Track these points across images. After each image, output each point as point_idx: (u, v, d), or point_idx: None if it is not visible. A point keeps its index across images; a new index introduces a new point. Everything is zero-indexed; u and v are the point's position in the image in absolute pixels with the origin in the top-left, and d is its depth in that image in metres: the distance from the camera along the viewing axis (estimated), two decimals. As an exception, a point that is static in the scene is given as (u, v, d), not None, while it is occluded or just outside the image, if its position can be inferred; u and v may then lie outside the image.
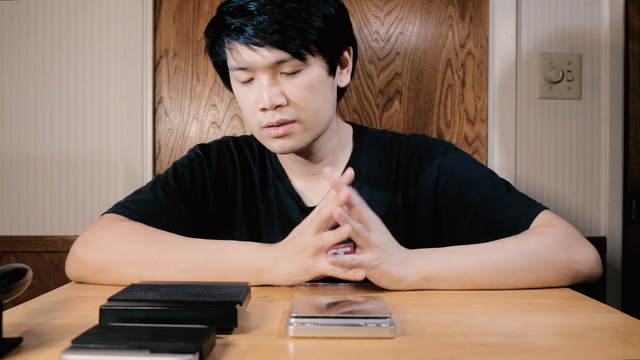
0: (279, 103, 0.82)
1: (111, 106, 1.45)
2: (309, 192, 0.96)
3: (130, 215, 0.84)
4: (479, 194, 0.89)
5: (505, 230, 0.84)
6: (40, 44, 1.45)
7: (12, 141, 1.45)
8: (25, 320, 0.58)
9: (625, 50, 1.47)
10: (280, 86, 0.83)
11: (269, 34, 0.79)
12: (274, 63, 0.81)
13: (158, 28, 1.47)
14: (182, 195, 0.92)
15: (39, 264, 1.44)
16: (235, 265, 0.74)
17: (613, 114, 1.46)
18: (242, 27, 0.80)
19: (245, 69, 0.83)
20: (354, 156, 0.97)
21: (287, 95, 0.83)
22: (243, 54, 0.82)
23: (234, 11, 0.82)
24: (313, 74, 0.84)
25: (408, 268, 0.73)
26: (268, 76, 0.83)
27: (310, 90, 0.84)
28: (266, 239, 0.92)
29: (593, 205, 1.47)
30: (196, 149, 0.99)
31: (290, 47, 0.80)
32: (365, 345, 0.49)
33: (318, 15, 0.83)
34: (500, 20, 1.45)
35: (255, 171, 0.98)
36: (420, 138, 0.98)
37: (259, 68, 0.82)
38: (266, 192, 0.97)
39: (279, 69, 0.83)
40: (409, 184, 0.94)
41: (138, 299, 0.53)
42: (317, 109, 0.86)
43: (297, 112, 0.84)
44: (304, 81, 0.83)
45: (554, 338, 0.53)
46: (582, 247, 0.80)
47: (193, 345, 0.42)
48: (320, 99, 0.86)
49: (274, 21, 0.79)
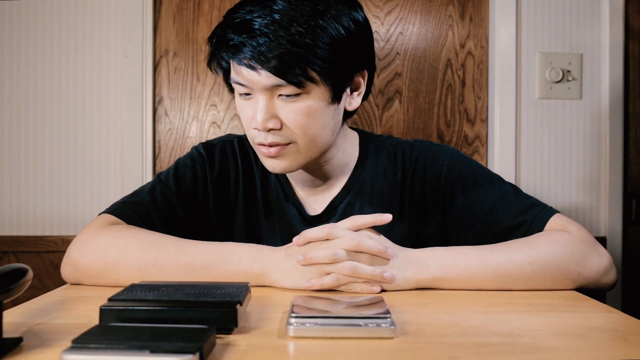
0: (271, 127, 0.79)
1: (111, 106, 1.45)
2: (311, 201, 0.94)
3: (126, 219, 0.83)
4: (487, 201, 0.87)
5: (516, 237, 0.82)
6: (40, 44, 1.45)
7: (12, 141, 1.45)
8: (25, 320, 0.58)
9: (625, 50, 1.47)
10: (276, 109, 0.79)
11: (267, 59, 0.74)
12: (270, 86, 0.77)
13: (158, 28, 1.47)
14: (182, 197, 0.90)
15: (39, 264, 1.44)
16: (236, 268, 0.73)
17: (613, 114, 1.46)
18: (241, 45, 0.76)
19: (243, 84, 0.79)
20: (359, 165, 0.95)
21: (283, 119, 0.79)
22: (242, 70, 0.77)
23: (237, 25, 0.77)
24: (312, 101, 0.79)
25: (411, 270, 0.72)
26: (265, 97, 0.78)
27: (308, 117, 0.79)
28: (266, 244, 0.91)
29: (593, 205, 1.48)
30: (200, 147, 0.96)
31: (287, 75, 0.75)
32: (365, 345, 0.49)
33: (325, 41, 0.76)
34: (500, 20, 1.45)
35: (257, 175, 0.96)
36: (423, 145, 0.96)
37: (255, 87, 0.78)
38: (268, 198, 0.95)
39: (277, 92, 0.78)
40: (414, 193, 0.92)
41: (138, 299, 0.53)
42: (314, 135, 0.81)
43: (292, 135, 0.80)
44: (302, 107, 0.78)
45: (554, 338, 0.53)
46: (595, 255, 0.77)
47: (193, 345, 0.42)
48: (318, 127, 0.81)
49: (275, 45, 0.74)
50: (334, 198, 0.93)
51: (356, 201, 0.93)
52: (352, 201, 0.93)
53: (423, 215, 0.93)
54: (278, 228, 0.93)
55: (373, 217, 0.73)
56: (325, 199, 0.94)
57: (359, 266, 0.69)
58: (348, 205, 0.92)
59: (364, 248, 0.70)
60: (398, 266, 0.71)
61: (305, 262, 0.70)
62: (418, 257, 0.73)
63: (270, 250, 0.75)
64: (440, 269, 0.72)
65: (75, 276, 0.78)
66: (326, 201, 0.94)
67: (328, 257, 0.69)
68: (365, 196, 0.93)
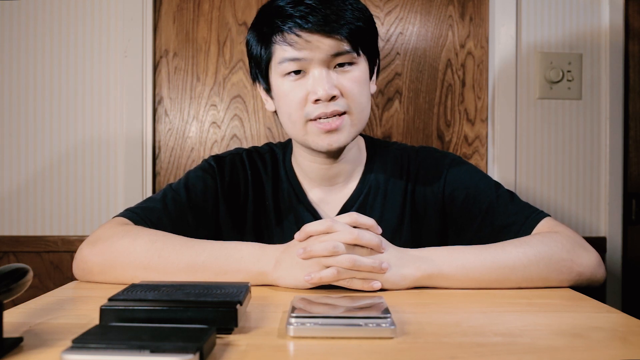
0: (334, 94, 0.85)
1: (111, 106, 1.45)
2: (324, 204, 0.97)
3: (138, 222, 0.86)
4: (484, 202, 0.91)
5: (508, 236, 0.84)
6: (40, 44, 1.45)
7: (12, 141, 1.45)
8: (26, 320, 0.58)
9: (625, 50, 1.47)
10: (334, 80, 0.86)
11: (334, 22, 0.83)
12: (331, 55, 0.85)
13: (158, 28, 1.47)
14: (192, 206, 0.92)
15: (39, 264, 1.44)
16: (237, 265, 0.74)
17: (613, 114, 1.46)
18: (307, 16, 0.83)
19: (299, 59, 0.85)
20: (367, 168, 0.99)
21: (340, 87, 0.86)
22: (303, 43, 0.84)
23: (293, 3, 0.84)
24: (361, 71, 0.88)
25: (408, 266, 0.73)
26: (323, 68, 0.85)
27: (360, 86, 0.88)
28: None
29: (593, 205, 1.47)
30: (210, 160, 0.99)
31: (350, 37, 0.84)
32: (365, 345, 0.49)
33: (363, 17, 0.88)
34: (500, 20, 1.45)
35: (267, 185, 0.99)
36: (427, 151, 1.01)
37: (314, 60, 0.84)
38: (279, 205, 0.98)
39: (334, 62, 0.86)
40: (416, 195, 0.97)
41: (138, 298, 0.53)
42: (364, 104, 0.89)
43: (348, 104, 0.87)
44: (355, 76, 0.87)
45: (554, 338, 0.53)
46: (585, 250, 0.80)
47: (193, 345, 0.42)
48: (365, 96, 0.90)
49: (343, 14, 0.84)
50: (347, 201, 0.97)
51: (367, 203, 0.96)
52: (364, 203, 0.96)
53: (425, 215, 0.97)
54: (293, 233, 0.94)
55: (371, 221, 0.74)
56: (338, 201, 0.97)
57: (358, 258, 0.69)
58: (360, 207, 0.96)
59: (363, 242, 0.70)
60: (395, 264, 0.72)
61: (305, 255, 0.70)
62: (415, 255, 0.74)
63: (272, 249, 0.76)
64: (438, 265, 0.73)
65: (84, 269, 0.80)
66: (339, 204, 0.97)
67: (327, 250, 0.69)
68: (376, 198, 0.96)
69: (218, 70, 1.48)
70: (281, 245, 0.76)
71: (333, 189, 0.98)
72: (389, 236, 0.77)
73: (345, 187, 0.98)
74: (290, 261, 0.73)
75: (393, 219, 0.95)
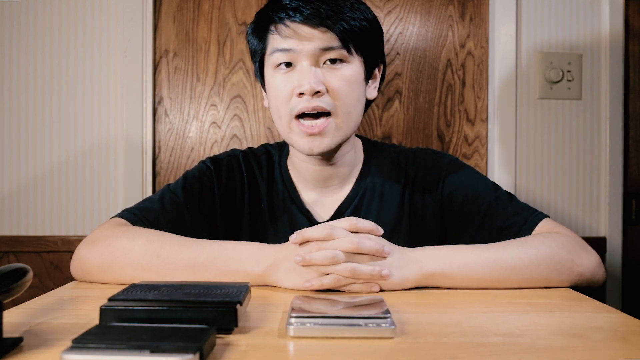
0: (318, 89, 0.83)
1: (111, 106, 1.45)
2: (319, 207, 0.97)
3: (135, 222, 0.86)
4: (483, 204, 0.91)
5: (507, 238, 0.84)
6: (40, 44, 1.45)
7: (12, 141, 1.45)
8: (26, 320, 0.58)
9: (625, 50, 1.47)
10: (321, 76, 0.84)
11: (325, 17, 0.82)
12: (320, 49, 0.84)
13: (158, 28, 1.47)
14: (189, 207, 0.92)
15: (39, 264, 1.44)
16: (236, 267, 0.74)
17: (613, 114, 1.46)
18: (300, 7, 0.83)
19: (288, 50, 0.84)
20: (364, 171, 0.98)
21: (327, 84, 0.84)
22: (293, 34, 0.84)
23: None
24: (353, 70, 0.86)
25: (410, 267, 0.72)
26: (311, 63, 0.84)
27: (348, 85, 0.86)
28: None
29: (593, 205, 1.47)
30: (207, 162, 0.99)
31: (341, 34, 0.83)
32: (365, 345, 0.49)
33: (368, 17, 0.88)
34: (500, 20, 1.45)
35: (262, 187, 0.98)
36: (425, 153, 1.00)
37: (303, 53, 0.84)
38: (274, 207, 0.97)
39: (324, 57, 0.85)
40: (415, 198, 0.96)
41: (138, 298, 0.53)
42: (351, 106, 0.87)
43: (333, 102, 0.85)
44: (345, 75, 0.85)
45: (554, 338, 0.53)
46: (585, 251, 0.80)
47: (193, 345, 0.42)
48: (354, 97, 0.87)
49: (334, 7, 0.83)
50: (341, 204, 0.96)
51: (362, 206, 0.95)
52: (359, 206, 0.95)
53: (423, 217, 0.96)
54: (287, 235, 0.94)
55: (371, 224, 0.74)
56: (332, 204, 0.96)
57: (357, 267, 0.69)
58: (355, 210, 0.95)
59: (363, 249, 0.70)
60: (397, 266, 0.72)
61: (304, 263, 0.70)
62: (416, 256, 0.74)
63: (272, 250, 0.75)
64: (439, 265, 0.73)
65: (82, 269, 0.80)
66: (333, 207, 0.96)
67: (327, 259, 0.69)
68: (372, 201, 0.96)
69: (218, 70, 1.48)
70: (281, 246, 0.76)
71: (328, 191, 0.97)
72: (386, 239, 0.76)
73: (340, 189, 0.97)
74: (287, 265, 0.72)
75: (390, 222, 0.94)
